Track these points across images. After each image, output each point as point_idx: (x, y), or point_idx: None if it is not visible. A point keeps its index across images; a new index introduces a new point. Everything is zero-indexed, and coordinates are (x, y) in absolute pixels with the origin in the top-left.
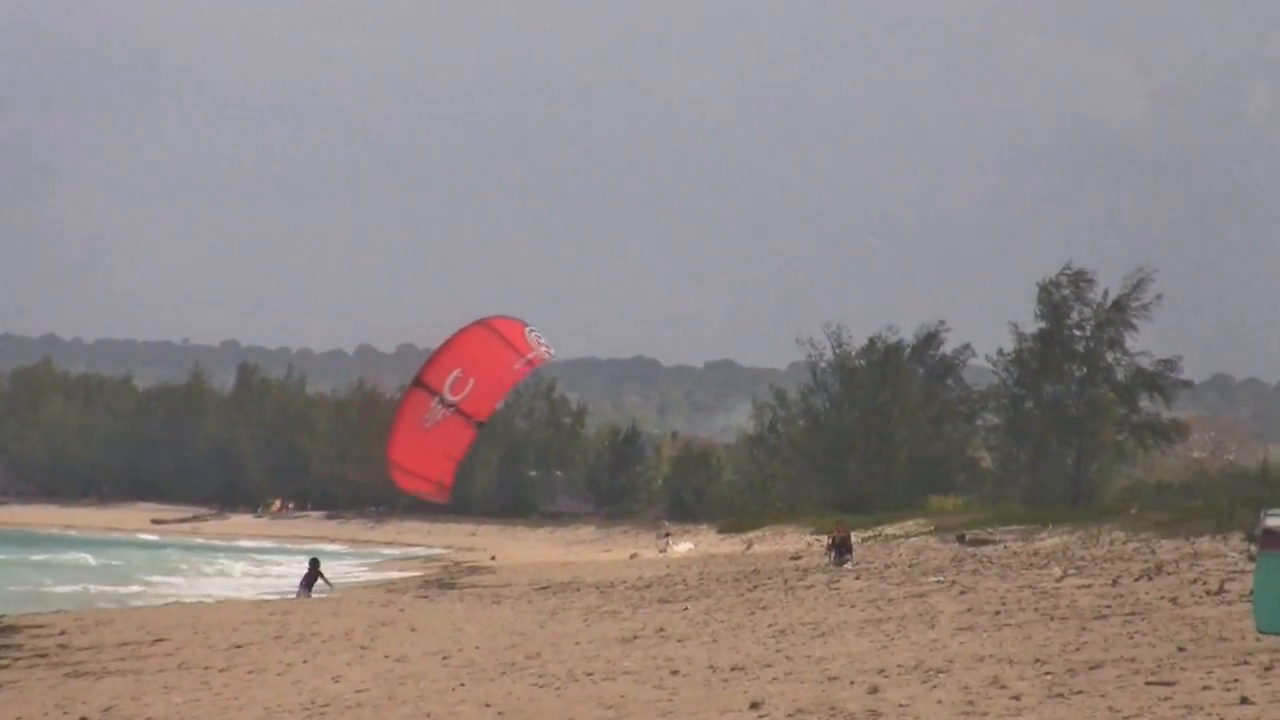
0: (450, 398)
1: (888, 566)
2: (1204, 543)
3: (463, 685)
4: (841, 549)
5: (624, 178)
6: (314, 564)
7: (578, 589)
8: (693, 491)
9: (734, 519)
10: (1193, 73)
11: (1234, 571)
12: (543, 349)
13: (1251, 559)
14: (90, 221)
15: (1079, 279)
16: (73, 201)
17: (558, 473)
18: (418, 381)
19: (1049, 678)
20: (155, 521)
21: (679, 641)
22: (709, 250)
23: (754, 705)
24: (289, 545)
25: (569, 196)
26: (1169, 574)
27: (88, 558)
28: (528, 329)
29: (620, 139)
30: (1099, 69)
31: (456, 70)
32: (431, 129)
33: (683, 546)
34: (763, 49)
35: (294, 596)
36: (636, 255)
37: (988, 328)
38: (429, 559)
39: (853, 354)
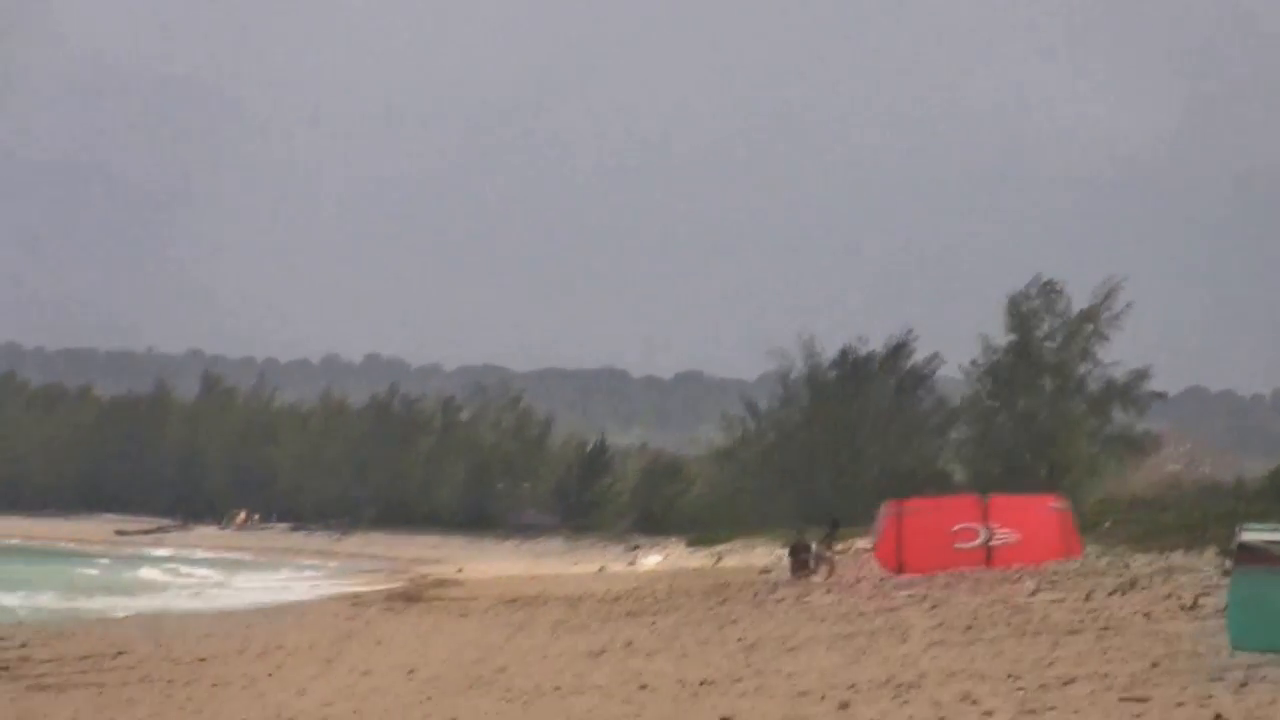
0: None
1: (859, 580)
2: (1178, 557)
3: (429, 699)
4: (801, 555)
5: (591, 189)
6: (834, 524)
7: (545, 602)
8: (662, 504)
9: (703, 532)
10: (1169, 85)
11: (1208, 587)
12: None
13: (1226, 574)
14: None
15: (1049, 290)
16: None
17: (525, 485)
18: None
19: (1021, 693)
20: (119, 533)
21: (647, 655)
22: (679, 260)
23: None
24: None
25: (537, 207)
26: (1143, 589)
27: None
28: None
29: (588, 149)
30: (1074, 82)
31: (424, 82)
32: (394, 139)
33: (651, 560)
34: (741, 68)
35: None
36: (604, 265)
37: (958, 340)
38: (395, 571)
39: (824, 366)
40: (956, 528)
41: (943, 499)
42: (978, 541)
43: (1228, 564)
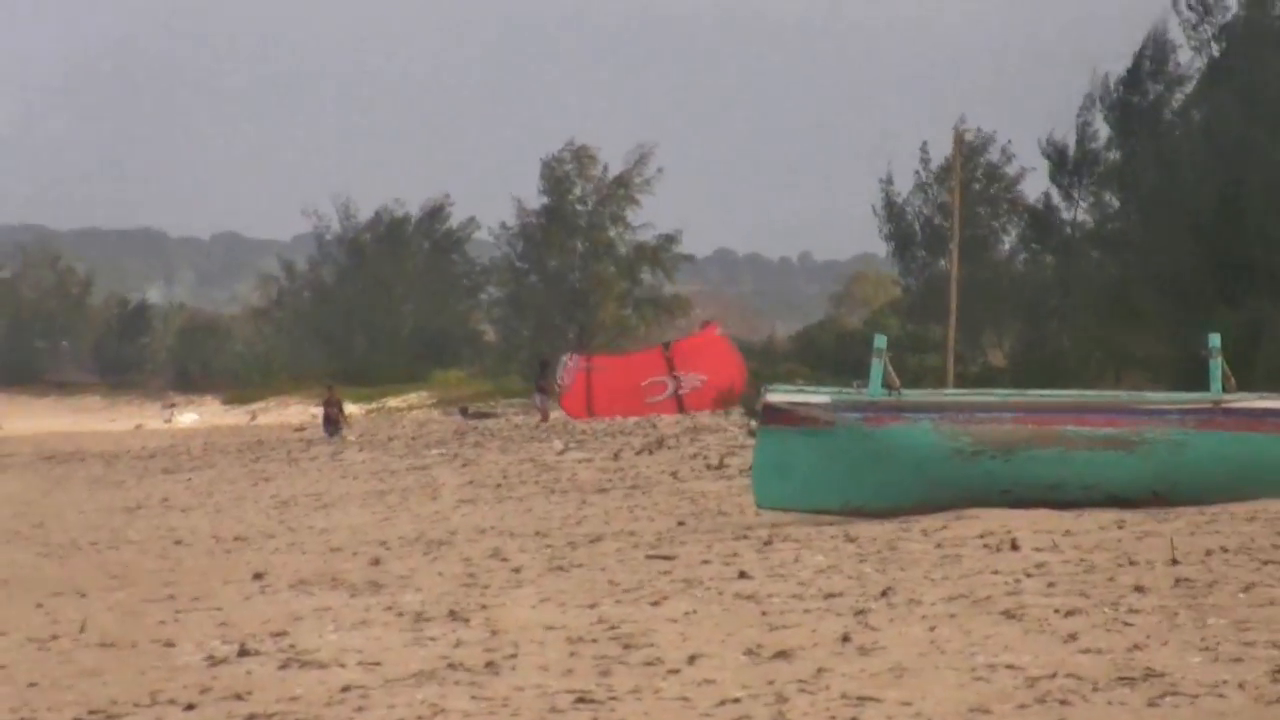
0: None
1: (391, 439)
2: (704, 417)
3: None
4: (333, 411)
5: (133, 43)
6: (544, 364)
7: (82, 459)
8: (199, 363)
9: (239, 391)
10: None
11: (734, 446)
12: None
13: (751, 434)
14: None
15: (582, 154)
16: None
17: (64, 343)
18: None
19: (549, 550)
20: None
21: (183, 511)
22: (215, 117)
23: (257, 576)
24: None
25: (79, 59)
26: (670, 448)
27: None
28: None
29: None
30: None
31: None
32: None
33: (187, 418)
34: None
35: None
36: (147, 123)
37: (492, 202)
38: None
39: (360, 226)
40: (647, 382)
41: (630, 356)
42: (668, 393)
43: (753, 424)
